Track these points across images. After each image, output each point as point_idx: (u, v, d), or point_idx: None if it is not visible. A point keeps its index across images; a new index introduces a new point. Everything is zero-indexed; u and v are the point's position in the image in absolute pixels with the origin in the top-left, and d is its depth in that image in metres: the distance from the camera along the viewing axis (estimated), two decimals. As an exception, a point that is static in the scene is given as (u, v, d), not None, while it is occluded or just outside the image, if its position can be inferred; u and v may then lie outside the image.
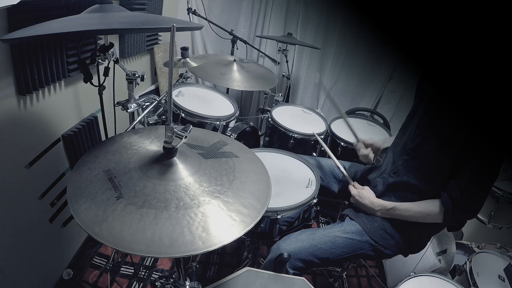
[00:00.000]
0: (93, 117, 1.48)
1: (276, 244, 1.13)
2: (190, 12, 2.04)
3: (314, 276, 1.77)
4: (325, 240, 1.11)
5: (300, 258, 1.08)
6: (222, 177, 0.78)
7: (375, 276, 1.83)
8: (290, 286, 0.97)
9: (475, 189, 0.97)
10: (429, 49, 1.06)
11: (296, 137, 1.73)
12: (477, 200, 0.99)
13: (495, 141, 0.91)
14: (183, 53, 1.29)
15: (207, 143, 0.92)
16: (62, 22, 0.78)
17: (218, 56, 1.96)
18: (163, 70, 2.27)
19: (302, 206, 1.14)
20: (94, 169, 0.74)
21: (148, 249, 0.58)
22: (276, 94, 2.14)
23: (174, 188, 0.70)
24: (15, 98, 1.05)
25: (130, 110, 1.16)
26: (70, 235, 1.49)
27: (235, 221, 0.66)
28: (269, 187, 0.80)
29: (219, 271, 1.72)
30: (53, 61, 1.15)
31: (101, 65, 1.17)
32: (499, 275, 1.43)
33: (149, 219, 0.63)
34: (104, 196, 0.67)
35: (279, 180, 1.27)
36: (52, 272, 1.41)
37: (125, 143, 0.85)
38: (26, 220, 1.18)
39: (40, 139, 1.21)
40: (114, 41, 1.52)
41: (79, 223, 0.61)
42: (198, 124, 1.55)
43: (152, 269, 1.63)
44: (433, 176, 1.05)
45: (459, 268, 1.48)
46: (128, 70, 1.13)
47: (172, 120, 0.71)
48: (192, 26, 1.42)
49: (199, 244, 0.60)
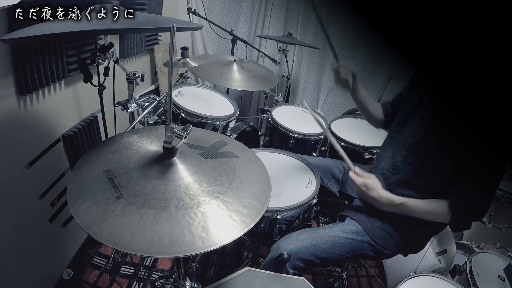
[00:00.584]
0: (93, 117, 1.48)
1: (276, 244, 1.12)
2: (190, 12, 2.04)
3: (314, 276, 1.77)
4: (326, 240, 1.10)
5: (300, 257, 1.07)
6: (222, 177, 0.78)
7: (375, 276, 1.82)
8: (290, 286, 0.97)
9: (479, 193, 0.97)
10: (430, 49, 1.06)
11: (296, 137, 1.73)
12: (482, 204, 0.98)
13: (497, 144, 0.90)
14: (183, 53, 1.29)
15: (207, 143, 0.92)
16: (62, 22, 0.78)
17: (218, 56, 1.96)
18: (163, 70, 2.27)
19: (302, 206, 1.14)
20: (94, 169, 0.74)
21: (148, 249, 0.58)
22: (276, 94, 2.14)
23: (174, 188, 0.70)
24: (15, 98, 1.05)
25: (130, 110, 1.16)
26: (70, 235, 1.49)
27: (235, 221, 0.66)
28: (269, 187, 0.80)
29: (219, 271, 1.72)
30: (53, 61, 1.15)
31: (101, 65, 1.17)
32: (499, 275, 1.43)
33: (149, 219, 0.63)
34: (104, 196, 0.67)
35: (279, 180, 1.27)
36: (52, 272, 1.41)
37: (125, 143, 0.85)
38: (26, 220, 1.18)
39: (40, 139, 1.21)
40: (114, 41, 1.52)
41: (79, 223, 0.61)
42: (198, 124, 1.56)
43: (152, 269, 1.63)
44: (432, 175, 1.04)
45: (459, 268, 1.48)
46: (128, 70, 1.13)
47: (172, 120, 0.71)
48: (192, 26, 1.42)
49: (199, 244, 0.60)
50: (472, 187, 0.96)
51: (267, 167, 0.88)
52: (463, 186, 0.98)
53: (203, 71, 1.65)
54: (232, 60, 1.75)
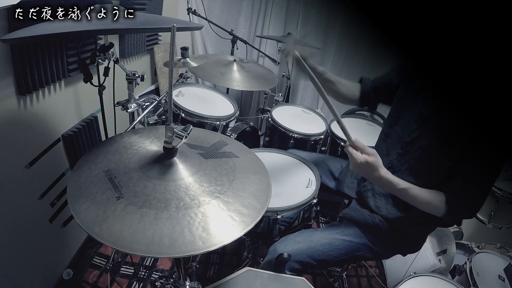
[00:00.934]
0: (93, 117, 1.48)
1: (273, 246, 1.11)
2: (190, 12, 2.04)
3: (314, 276, 1.77)
4: (323, 242, 1.09)
5: (297, 260, 1.06)
6: (222, 177, 0.78)
7: (375, 276, 1.83)
8: (290, 286, 0.96)
9: (474, 190, 0.96)
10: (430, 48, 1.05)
11: (296, 137, 1.72)
12: (477, 202, 0.98)
13: (497, 143, 0.90)
14: (183, 53, 1.29)
15: (207, 143, 0.92)
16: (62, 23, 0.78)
17: (218, 56, 1.96)
18: (163, 70, 2.27)
19: (302, 206, 1.14)
20: (94, 169, 0.74)
21: (148, 249, 0.58)
22: (276, 94, 2.14)
23: (174, 188, 0.70)
24: (15, 98, 1.05)
25: (130, 110, 1.16)
26: (70, 235, 1.49)
27: (235, 221, 0.66)
28: (269, 187, 0.80)
29: (219, 271, 1.72)
30: (53, 61, 1.15)
31: (101, 65, 1.17)
32: (499, 275, 1.43)
33: (149, 219, 0.63)
34: (104, 196, 0.67)
35: (279, 180, 1.27)
36: (52, 272, 1.41)
37: (125, 143, 0.85)
38: (26, 220, 1.18)
39: (40, 139, 1.21)
40: (114, 41, 1.52)
41: (79, 223, 0.61)
42: (198, 124, 1.55)
43: (152, 269, 1.63)
44: (429, 174, 1.02)
45: (459, 268, 1.48)
46: (128, 70, 1.13)
47: (172, 120, 0.71)
48: (192, 26, 1.42)
49: (199, 244, 0.60)
50: (470, 184, 0.95)
51: (267, 167, 0.88)
52: (461, 182, 0.96)
53: (203, 71, 1.65)
54: (232, 60, 1.75)
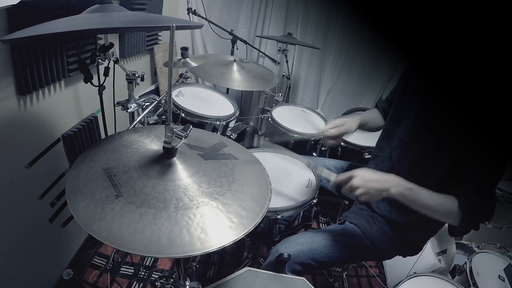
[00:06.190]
0: (93, 117, 1.48)
1: (274, 248, 1.11)
2: (190, 12, 2.04)
3: (314, 276, 1.77)
4: (324, 244, 1.09)
5: (298, 261, 1.06)
6: (222, 179, 0.77)
7: (375, 276, 1.83)
8: (290, 286, 0.96)
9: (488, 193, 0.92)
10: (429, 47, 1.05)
11: (296, 137, 1.73)
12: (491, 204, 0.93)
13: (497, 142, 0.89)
14: (183, 53, 1.29)
15: (207, 144, 0.92)
16: (62, 22, 0.78)
17: (218, 56, 1.96)
18: (163, 70, 2.27)
19: (302, 206, 1.14)
20: (93, 167, 0.74)
21: (147, 248, 0.58)
22: (276, 94, 2.13)
23: (174, 188, 0.70)
24: (15, 98, 1.05)
25: (130, 110, 1.16)
26: (70, 235, 1.49)
27: (234, 223, 0.66)
28: (268, 190, 0.80)
29: (219, 271, 1.72)
30: (53, 61, 1.15)
31: (101, 65, 1.17)
32: (499, 275, 1.43)
33: (148, 219, 0.63)
34: (103, 194, 0.66)
35: (279, 180, 1.27)
36: (52, 272, 1.41)
37: (125, 141, 0.85)
38: (26, 220, 1.18)
39: (40, 139, 1.21)
40: (114, 41, 1.52)
41: (77, 220, 0.61)
42: (198, 124, 1.56)
43: (152, 269, 1.63)
44: (427, 173, 1.00)
45: (459, 268, 1.48)
46: (128, 70, 1.13)
47: (172, 120, 0.71)
48: (192, 24, 1.42)
49: (198, 245, 0.60)
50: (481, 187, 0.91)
51: (267, 167, 0.88)
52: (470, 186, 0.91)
53: (203, 71, 1.65)
54: (232, 60, 1.75)
